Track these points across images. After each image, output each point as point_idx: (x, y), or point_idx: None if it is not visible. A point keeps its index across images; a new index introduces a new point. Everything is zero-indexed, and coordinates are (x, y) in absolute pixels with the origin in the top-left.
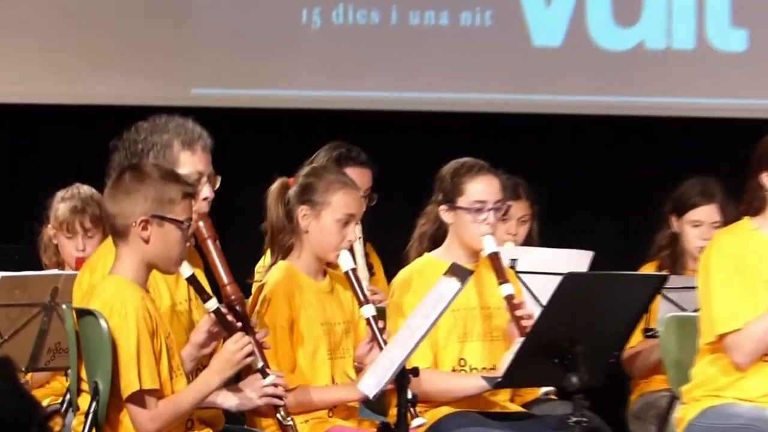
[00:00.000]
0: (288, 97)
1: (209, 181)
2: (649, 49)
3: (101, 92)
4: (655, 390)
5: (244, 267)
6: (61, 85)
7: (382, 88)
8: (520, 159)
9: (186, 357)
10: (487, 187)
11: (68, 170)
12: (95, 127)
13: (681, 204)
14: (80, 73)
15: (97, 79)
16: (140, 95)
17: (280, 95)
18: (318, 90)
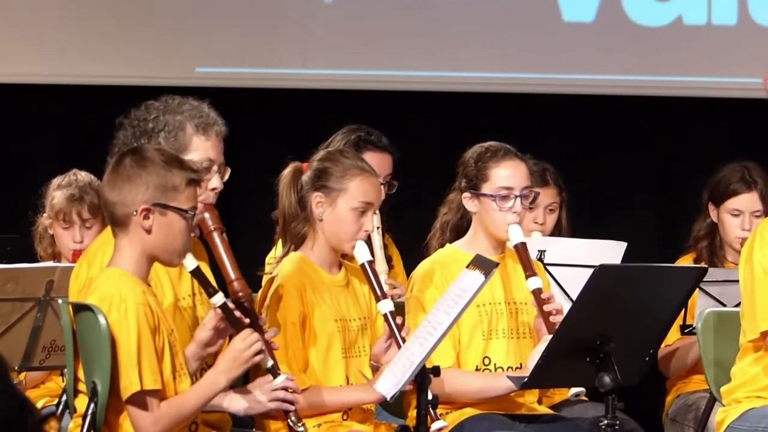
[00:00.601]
0: (300, 76)
1: (219, 172)
2: (687, 24)
3: (99, 71)
4: (693, 390)
5: (253, 257)
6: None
7: (402, 67)
8: (549, 142)
9: (190, 356)
10: (514, 173)
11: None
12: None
13: (719, 192)
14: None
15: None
16: (141, 74)
17: (291, 74)
18: (332, 69)
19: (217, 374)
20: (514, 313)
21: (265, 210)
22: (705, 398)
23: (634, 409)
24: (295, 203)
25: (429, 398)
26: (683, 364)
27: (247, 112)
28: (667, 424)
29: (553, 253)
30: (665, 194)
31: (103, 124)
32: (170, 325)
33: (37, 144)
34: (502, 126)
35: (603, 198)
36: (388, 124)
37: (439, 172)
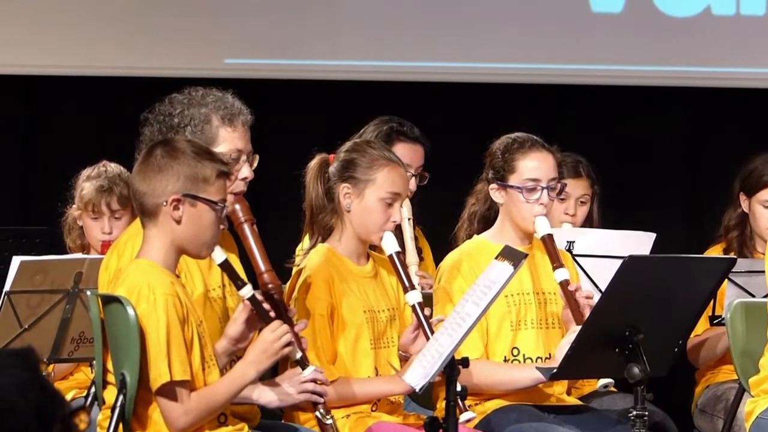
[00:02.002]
0: (329, 67)
1: (248, 160)
2: (716, 14)
3: (126, 63)
4: (722, 381)
5: (281, 249)
6: (82, 56)
7: (432, 58)
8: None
9: (221, 352)
10: (541, 165)
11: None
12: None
13: (752, 181)
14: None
15: (122, 49)
16: (169, 66)
17: (320, 65)
18: (361, 60)
19: (247, 366)
20: (543, 304)
21: (294, 201)
22: (734, 389)
23: (663, 400)
24: (322, 195)
25: (458, 389)
26: (712, 354)
27: (276, 103)
28: (696, 415)
29: (581, 244)
30: (695, 185)
31: (132, 116)
32: (199, 317)
33: (67, 135)
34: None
35: (633, 189)
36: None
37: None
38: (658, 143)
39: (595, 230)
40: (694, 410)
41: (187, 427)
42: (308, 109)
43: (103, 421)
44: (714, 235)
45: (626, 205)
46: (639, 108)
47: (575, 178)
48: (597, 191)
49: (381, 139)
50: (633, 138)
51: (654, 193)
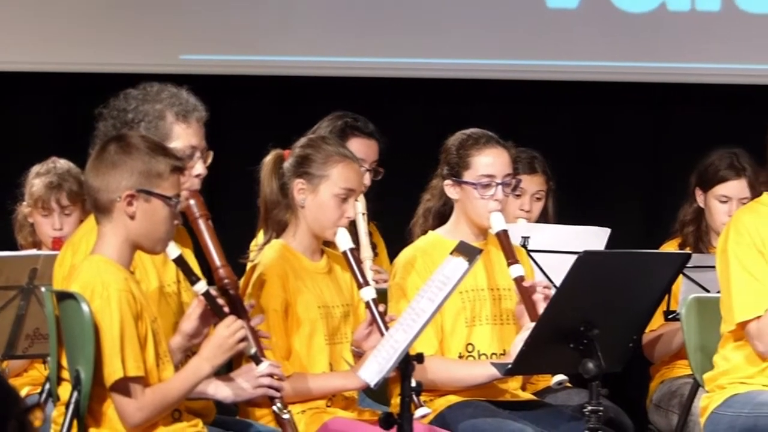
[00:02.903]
0: (283, 63)
1: (202, 157)
2: (671, 11)
3: (81, 59)
4: (676, 376)
5: (236, 245)
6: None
7: (386, 54)
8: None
9: (175, 347)
10: (496, 160)
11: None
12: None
13: (708, 177)
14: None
15: (77, 46)
16: (124, 62)
17: (275, 61)
18: (316, 56)
19: (202, 361)
20: (498, 300)
21: (249, 197)
22: (689, 384)
23: (618, 396)
24: (277, 190)
25: (412, 385)
26: (667, 349)
27: (232, 99)
28: (651, 410)
29: (537, 240)
30: (651, 180)
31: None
32: (153, 313)
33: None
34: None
35: (589, 185)
36: (373, 111)
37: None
38: (613, 139)
39: (551, 225)
40: (649, 405)
41: (142, 423)
42: (263, 105)
43: (57, 417)
44: (670, 231)
45: (582, 201)
46: (594, 104)
47: (530, 174)
48: (552, 187)
49: (335, 135)
50: (588, 134)
51: (610, 188)
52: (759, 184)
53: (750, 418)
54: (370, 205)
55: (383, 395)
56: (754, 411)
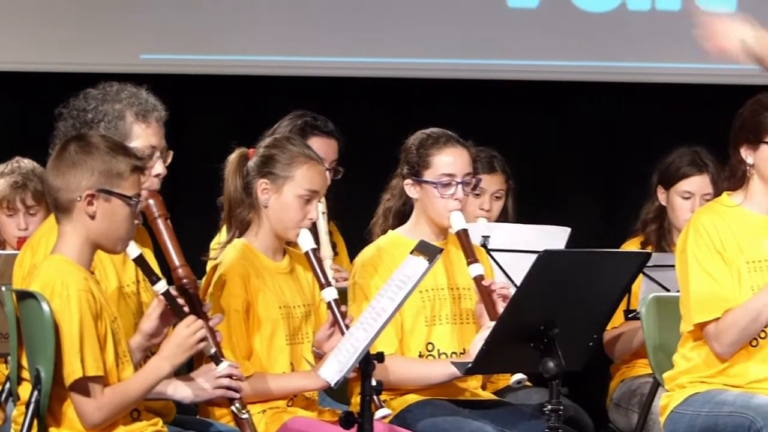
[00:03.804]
0: (244, 62)
1: (161, 156)
2: (632, 10)
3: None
4: (636, 375)
5: (197, 244)
6: None
7: (346, 54)
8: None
9: (135, 347)
10: (456, 160)
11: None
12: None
13: (670, 174)
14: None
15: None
16: (85, 61)
17: (236, 61)
18: (276, 55)
19: (161, 361)
20: (457, 299)
21: (210, 196)
22: (649, 383)
23: (578, 395)
24: (241, 189)
25: (373, 384)
26: (628, 348)
27: (193, 98)
28: (611, 409)
29: (497, 239)
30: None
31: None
32: (113, 313)
33: None
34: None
35: (549, 184)
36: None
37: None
38: (574, 138)
39: (511, 225)
40: (609, 404)
41: (101, 422)
42: (223, 105)
43: (17, 417)
44: (631, 229)
45: (542, 200)
46: (555, 103)
47: (490, 173)
48: (512, 186)
49: (295, 134)
50: (549, 133)
51: (570, 187)
52: (721, 180)
53: (710, 417)
54: (330, 204)
55: (344, 395)
56: (714, 410)
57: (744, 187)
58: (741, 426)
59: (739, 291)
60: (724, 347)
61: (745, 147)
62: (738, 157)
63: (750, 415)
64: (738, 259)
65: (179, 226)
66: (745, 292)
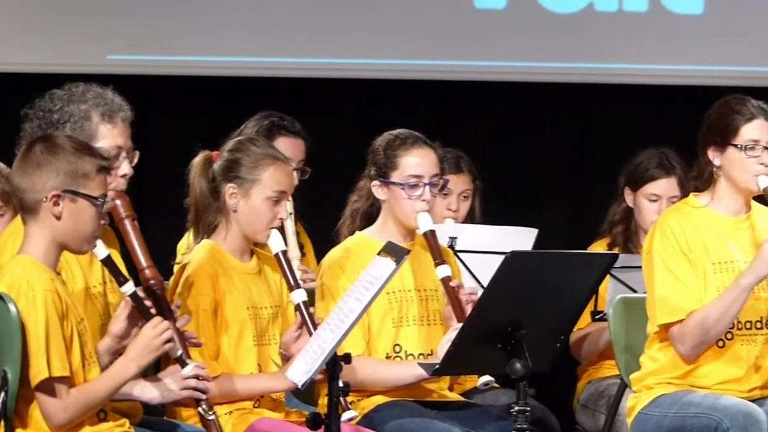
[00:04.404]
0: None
1: (128, 157)
2: (599, 11)
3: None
4: (604, 377)
5: (164, 245)
6: None
7: (313, 54)
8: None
9: (104, 350)
10: (423, 161)
11: None
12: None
13: (637, 176)
14: None
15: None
16: (51, 62)
17: (201, 62)
18: (242, 56)
19: (128, 361)
20: (425, 300)
21: (177, 197)
22: (616, 384)
23: (545, 396)
24: (207, 192)
25: (340, 386)
26: (595, 349)
27: (160, 98)
28: (579, 410)
29: (464, 240)
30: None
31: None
32: (80, 314)
33: None
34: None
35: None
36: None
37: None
38: (541, 139)
39: (478, 226)
40: (577, 405)
41: (66, 423)
42: (191, 105)
43: None
44: (597, 231)
45: (509, 201)
46: (522, 104)
47: (457, 174)
48: (479, 186)
49: (262, 134)
50: (516, 134)
51: (537, 188)
52: (688, 181)
53: (677, 418)
54: (298, 205)
55: (311, 396)
56: (681, 411)
57: (711, 188)
58: (708, 427)
59: (705, 292)
60: (688, 349)
61: (713, 149)
62: (705, 159)
63: (717, 416)
64: (704, 261)
65: (146, 227)
66: (711, 294)
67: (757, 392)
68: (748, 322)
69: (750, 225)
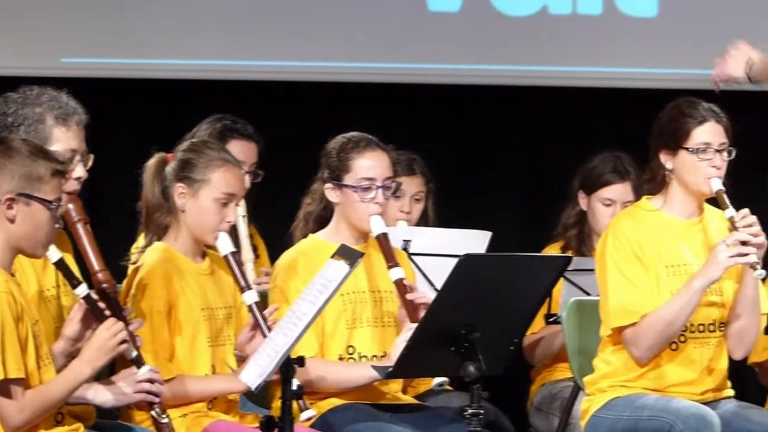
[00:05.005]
0: (165, 66)
1: (82, 160)
2: (553, 14)
3: None
4: (557, 379)
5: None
6: None
7: (267, 57)
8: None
9: (59, 353)
10: (376, 164)
11: None
12: None
13: (591, 180)
14: None
15: None
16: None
17: (156, 64)
18: (196, 59)
19: (82, 364)
20: (379, 302)
21: (130, 200)
22: (569, 387)
23: (499, 399)
24: (159, 194)
25: (294, 388)
26: (548, 352)
27: (114, 101)
28: (532, 413)
29: (418, 243)
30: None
31: None
32: (34, 316)
33: None
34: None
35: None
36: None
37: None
38: (496, 142)
39: (432, 229)
40: (530, 408)
41: (22, 425)
42: (145, 109)
43: None
44: (551, 234)
45: (463, 204)
46: (477, 107)
47: (410, 176)
48: (432, 189)
49: (214, 137)
50: (471, 136)
51: (491, 191)
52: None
53: (630, 421)
54: (251, 207)
55: (264, 399)
56: (635, 414)
57: (663, 191)
58: (661, 430)
59: (658, 295)
60: (641, 351)
61: (665, 152)
62: (657, 162)
63: (670, 419)
64: (657, 264)
65: (99, 230)
66: (664, 297)
67: (710, 395)
68: (701, 325)
69: (702, 228)
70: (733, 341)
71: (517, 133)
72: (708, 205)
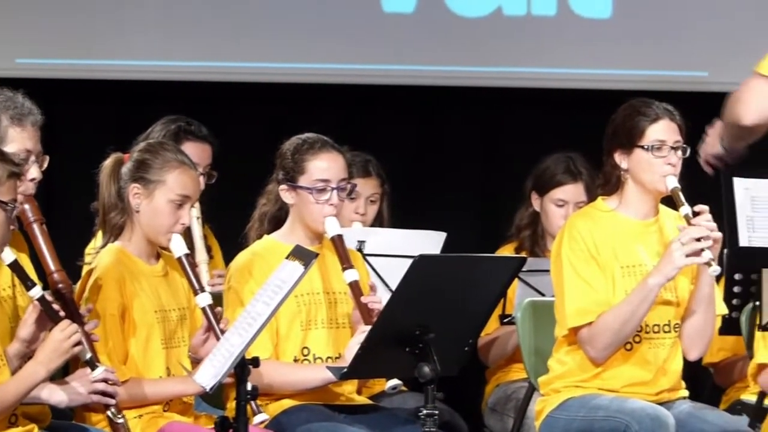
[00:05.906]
0: (120, 67)
1: (37, 161)
2: (507, 15)
3: None
4: (512, 380)
5: (73, 248)
6: None
7: (221, 58)
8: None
9: (13, 354)
10: (331, 165)
11: None
12: None
13: (544, 181)
14: None
15: None
16: None
17: (111, 65)
18: (151, 60)
19: (36, 365)
20: (333, 303)
21: (86, 201)
22: (524, 388)
23: (453, 399)
24: (115, 194)
25: (248, 389)
26: (503, 352)
27: (69, 102)
28: (487, 414)
29: (372, 244)
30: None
31: None
32: None
33: None
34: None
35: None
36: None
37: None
38: (450, 143)
39: (386, 230)
40: (485, 409)
41: None
42: (100, 110)
43: None
44: (506, 235)
45: (418, 205)
46: (431, 108)
47: (365, 177)
48: (387, 190)
49: (169, 139)
50: (425, 138)
51: (447, 192)
52: (595, 187)
53: (585, 421)
54: (205, 208)
55: (219, 400)
56: (589, 414)
57: (619, 192)
58: (616, 430)
59: (614, 295)
60: (597, 351)
61: (619, 152)
62: (612, 163)
63: (625, 419)
64: (612, 264)
65: (55, 231)
66: (619, 297)
67: (665, 395)
68: (656, 326)
69: (658, 229)
70: (688, 341)
71: (472, 134)
72: (663, 206)
